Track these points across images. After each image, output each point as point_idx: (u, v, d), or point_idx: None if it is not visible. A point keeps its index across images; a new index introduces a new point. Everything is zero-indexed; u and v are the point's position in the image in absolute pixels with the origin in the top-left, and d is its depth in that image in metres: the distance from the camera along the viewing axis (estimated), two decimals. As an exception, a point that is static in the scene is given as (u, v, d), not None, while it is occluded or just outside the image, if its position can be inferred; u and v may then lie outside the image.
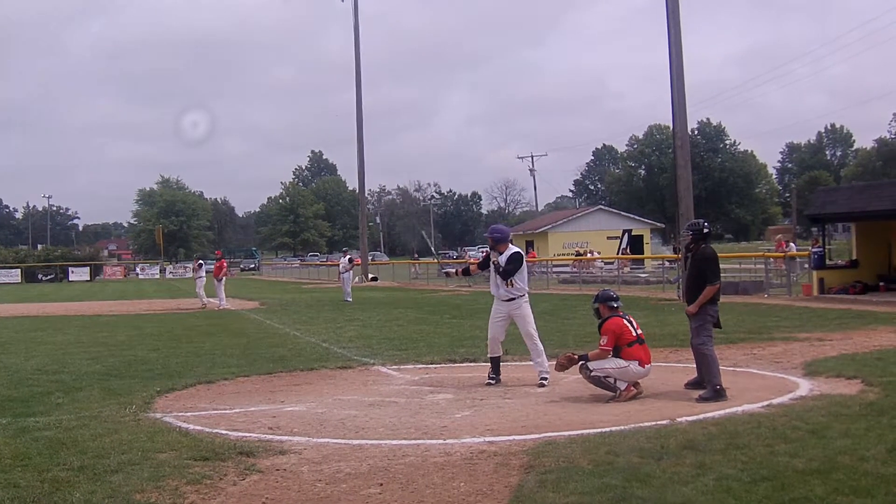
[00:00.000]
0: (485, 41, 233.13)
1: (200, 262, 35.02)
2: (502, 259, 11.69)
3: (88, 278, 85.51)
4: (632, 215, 70.44)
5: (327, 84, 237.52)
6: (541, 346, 11.61)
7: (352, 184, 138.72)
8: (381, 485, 6.65)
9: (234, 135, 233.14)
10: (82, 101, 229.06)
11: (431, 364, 14.04)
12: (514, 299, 11.72)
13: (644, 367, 10.24)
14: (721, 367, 10.29)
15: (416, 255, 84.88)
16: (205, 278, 34.00)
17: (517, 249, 11.92)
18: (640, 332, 10.47)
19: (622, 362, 10.13)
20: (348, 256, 37.32)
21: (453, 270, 14.61)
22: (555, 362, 10.90)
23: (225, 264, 34.47)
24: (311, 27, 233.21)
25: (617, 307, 10.62)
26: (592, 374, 10.20)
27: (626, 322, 10.40)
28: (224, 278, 33.05)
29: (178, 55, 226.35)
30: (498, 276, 11.70)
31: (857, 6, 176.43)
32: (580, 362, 10.35)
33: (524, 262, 11.94)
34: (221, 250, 60.41)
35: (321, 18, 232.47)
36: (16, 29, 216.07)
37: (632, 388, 10.10)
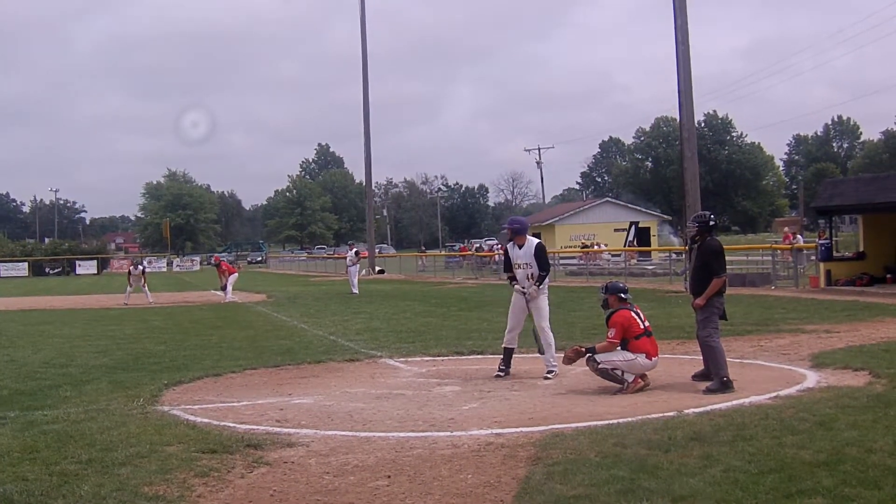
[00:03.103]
0: (491, 35, 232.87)
1: (139, 266, 34.21)
2: (524, 253, 11.65)
3: (96, 271, 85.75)
4: (639, 207, 70.29)
5: (334, 78, 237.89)
6: (552, 340, 11.60)
7: (359, 176, 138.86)
8: (389, 477, 6.66)
9: (241, 128, 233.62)
10: (89, 95, 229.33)
11: (439, 356, 14.03)
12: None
13: (651, 359, 10.24)
14: (728, 359, 10.29)
15: (423, 248, 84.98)
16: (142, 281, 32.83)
17: (538, 241, 11.89)
18: (647, 324, 10.46)
19: (629, 355, 10.13)
20: (355, 249, 37.28)
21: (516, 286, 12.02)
22: (562, 355, 10.90)
23: (225, 266, 33.94)
24: (317, 21, 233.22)
25: (626, 299, 10.61)
26: (600, 366, 10.20)
27: (633, 314, 10.39)
28: (232, 276, 32.87)
29: (184, 50, 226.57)
30: (529, 272, 11.63)
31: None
32: (587, 355, 10.35)
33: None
34: (219, 255, 60.17)
35: (327, 12, 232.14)
36: (24, 23, 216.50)
37: (639, 380, 10.10)
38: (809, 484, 5.84)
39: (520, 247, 11.76)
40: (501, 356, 11.89)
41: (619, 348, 10.19)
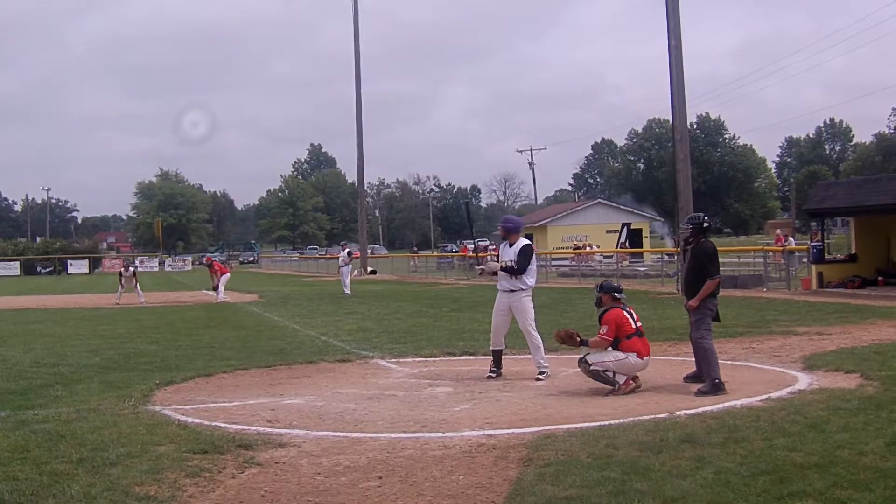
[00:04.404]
0: (484, 34, 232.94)
1: (131, 267, 34.15)
2: (512, 251, 11.64)
3: (87, 271, 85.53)
4: (631, 208, 70.32)
5: (327, 77, 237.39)
6: (539, 342, 11.55)
7: (351, 177, 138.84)
8: (381, 478, 6.66)
9: (234, 127, 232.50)
10: (82, 94, 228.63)
11: (430, 357, 14.03)
12: (514, 291, 11.66)
13: (642, 358, 10.23)
14: (720, 361, 10.30)
15: (415, 249, 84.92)
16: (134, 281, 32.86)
17: (528, 241, 11.90)
18: (639, 324, 10.47)
19: (620, 354, 10.12)
20: (347, 250, 37.23)
21: (488, 270, 12.38)
22: (554, 334, 10.87)
23: (217, 266, 33.88)
24: (311, 20, 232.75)
25: (620, 298, 10.62)
26: (591, 367, 10.19)
27: (626, 314, 10.39)
28: (224, 276, 32.84)
29: (177, 48, 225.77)
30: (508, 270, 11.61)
31: (855, 0, 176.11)
32: (580, 358, 10.34)
33: (534, 256, 11.91)
34: (211, 254, 60.28)
35: (321, 11, 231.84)
36: (17, 21, 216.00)
37: (630, 381, 10.10)
38: (801, 486, 5.84)
39: (510, 245, 11.79)
40: (491, 358, 11.88)
41: (610, 348, 10.20)
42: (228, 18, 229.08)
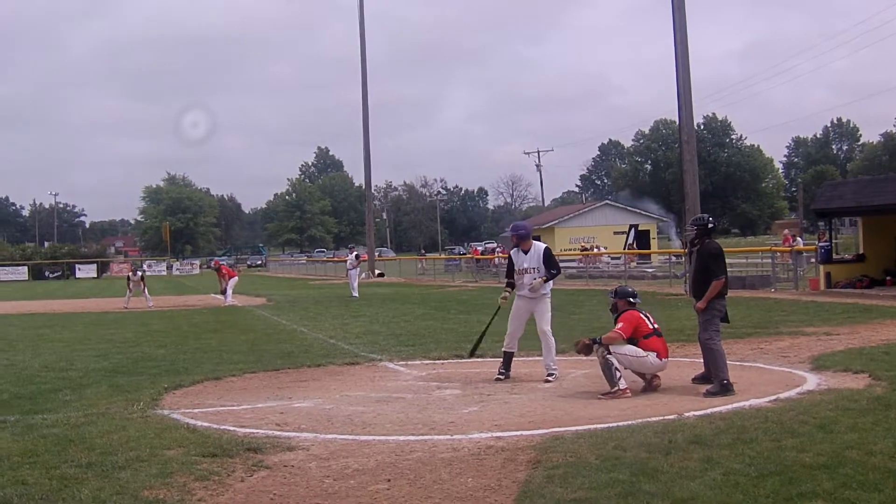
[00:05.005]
0: (489, 37, 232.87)
1: (139, 272, 34.18)
2: (533, 258, 11.65)
3: (95, 275, 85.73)
4: (638, 210, 70.18)
5: (331, 80, 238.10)
6: (553, 344, 11.55)
7: (358, 180, 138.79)
8: (389, 480, 6.66)
9: (241, 131, 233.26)
10: (88, 99, 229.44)
11: (439, 360, 14.04)
12: (535, 298, 11.68)
13: (661, 359, 10.19)
14: (728, 362, 10.28)
15: (423, 251, 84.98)
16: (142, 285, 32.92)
17: (544, 245, 11.91)
18: (656, 326, 10.45)
19: (641, 351, 10.09)
20: (355, 253, 37.25)
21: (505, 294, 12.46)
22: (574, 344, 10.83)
23: (225, 270, 33.95)
24: (315, 23, 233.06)
25: (635, 303, 10.60)
26: (608, 356, 10.04)
27: (642, 315, 10.38)
28: (232, 280, 32.93)
29: (183, 52, 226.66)
30: (536, 276, 11.60)
31: (860, 1, 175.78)
32: (597, 345, 10.24)
33: None
34: (218, 259, 60.48)
35: (324, 15, 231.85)
36: (21, 26, 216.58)
37: (628, 391, 9.98)
38: (809, 487, 5.83)
39: (525, 252, 11.76)
40: (501, 360, 11.88)
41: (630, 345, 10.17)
42: (233, 22, 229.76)
